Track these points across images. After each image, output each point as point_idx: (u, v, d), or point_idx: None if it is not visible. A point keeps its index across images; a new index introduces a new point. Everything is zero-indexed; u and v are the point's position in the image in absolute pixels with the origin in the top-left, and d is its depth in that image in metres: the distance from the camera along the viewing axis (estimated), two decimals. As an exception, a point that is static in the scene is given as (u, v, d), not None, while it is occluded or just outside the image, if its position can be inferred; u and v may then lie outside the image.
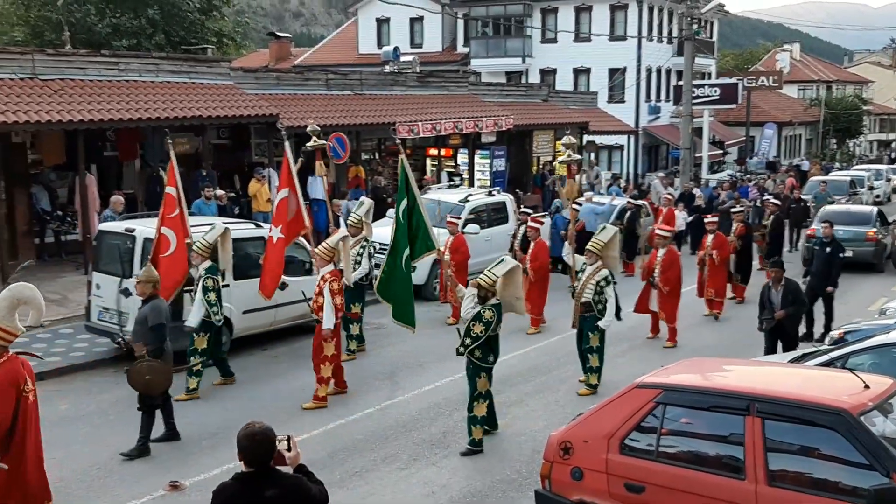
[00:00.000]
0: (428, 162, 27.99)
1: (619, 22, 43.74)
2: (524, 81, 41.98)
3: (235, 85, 20.58)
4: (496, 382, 10.19)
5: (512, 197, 21.25)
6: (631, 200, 22.10)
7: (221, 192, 18.29)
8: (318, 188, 19.13)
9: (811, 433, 6.13)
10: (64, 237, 18.57)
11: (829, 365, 8.99)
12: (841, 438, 5.94)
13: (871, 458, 5.82)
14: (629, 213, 20.90)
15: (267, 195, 18.89)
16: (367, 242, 13.61)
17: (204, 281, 11.18)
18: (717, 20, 53.48)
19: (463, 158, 27.64)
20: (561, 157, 14.00)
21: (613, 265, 12.76)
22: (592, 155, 35.48)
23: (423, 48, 45.61)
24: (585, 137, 33.14)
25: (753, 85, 48.49)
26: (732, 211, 19.15)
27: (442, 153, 27.48)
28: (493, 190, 20.87)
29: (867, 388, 6.39)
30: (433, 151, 27.72)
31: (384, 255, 11.74)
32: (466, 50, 46.15)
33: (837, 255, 14.94)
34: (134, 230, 12.54)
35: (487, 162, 27.28)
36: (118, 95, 17.57)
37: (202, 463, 9.17)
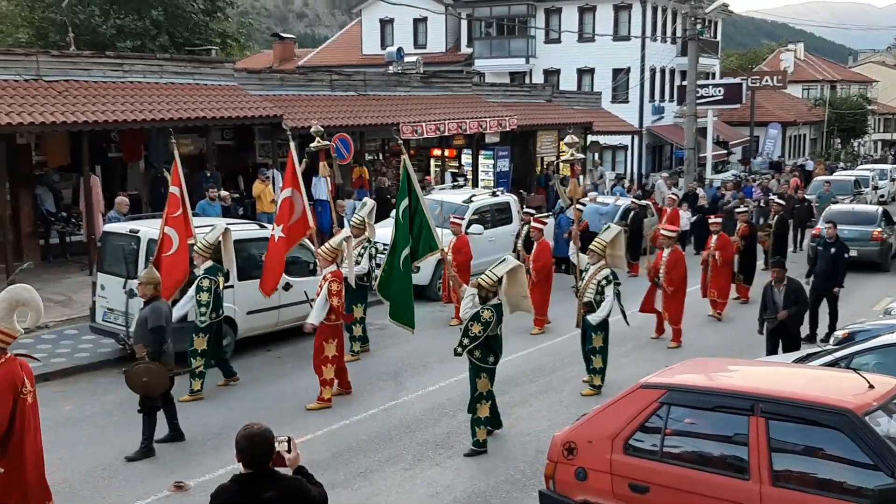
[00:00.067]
0: (432, 162, 28.00)
1: (622, 22, 43.71)
2: (528, 82, 41.98)
3: (239, 86, 20.61)
4: (500, 383, 10.17)
5: (515, 197, 21.24)
6: (635, 201, 22.07)
7: (225, 193, 18.32)
8: (321, 189, 19.16)
9: (815, 433, 6.13)
10: (68, 238, 18.60)
11: (833, 365, 8.98)
12: (845, 438, 5.93)
13: (875, 458, 5.81)
14: (633, 213, 20.89)
15: (271, 196, 18.92)
16: (368, 243, 13.61)
17: (200, 280, 11.19)
18: (720, 20, 53.45)
19: (467, 159, 27.64)
20: (564, 156, 13.98)
21: (620, 265, 12.73)
22: (596, 155, 35.44)
23: (426, 49, 45.59)
24: (589, 138, 33.11)
25: (757, 85, 48.45)
26: (737, 211, 19.13)
27: (446, 154, 27.50)
28: (496, 190, 20.87)
29: (871, 388, 6.38)
30: (437, 152, 27.74)
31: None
32: (470, 50, 46.15)
33: (842, 255, 14.89)
34: (138, 231, 12.57)
35: (491, 162, 27.29)
36: (122, 97, 17.61)
37: (206, 463, 9.18)
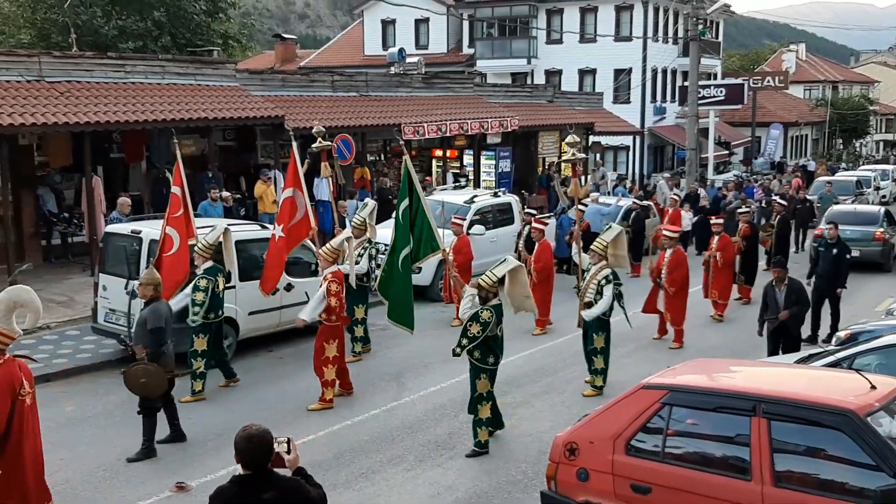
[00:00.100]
0: (433, 163, 28.02)
1: (624, 22, 43.70)
2: (529, 82, 41.95)
3: (241, 87, 20.63)
4: (502, 383, 10.17)
5: (517, 198, 21.25)
6: (636, 201, 22.08)
7: (227, 193, 18.34)
8: (323, 190, 19.16)
9: (817, 434, 6.12)
10: (70, 239, 18.61)
11: (835, 366, 8.97)
12: (847, 439, 5.92)
13: (877, 458, 5.81)
14: (634, 213, 20.89)
15: (273, 196, 18.94)
16: (369, 244, 13.62)
17: (198, 280, 11.19)
18: (722, 20, 53.43)
19: (468, 159, 27.66)
20: (565, 155, 13.97)
21: (623, 264, 12.70)
22: (598, 156, 35.44)
23: (428, 49, 45.60)
24: (591, 138, 33.12)
25: (759, 85, 48.48)
26: (738, 212, 19.11)
27: (447, 154, 27.50)
28: (498, 191, 20.87)
29: (874, 388, 6.37)
30: (438, 153, 27.75)
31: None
32: (472, 51, 46.16)
33: (844, 256, 14.86)
34: (140, 232, 12.58)
35: (493, 163, 27.30)
36: (124, 97, 17.63)
37: (208, 464, 9.18)
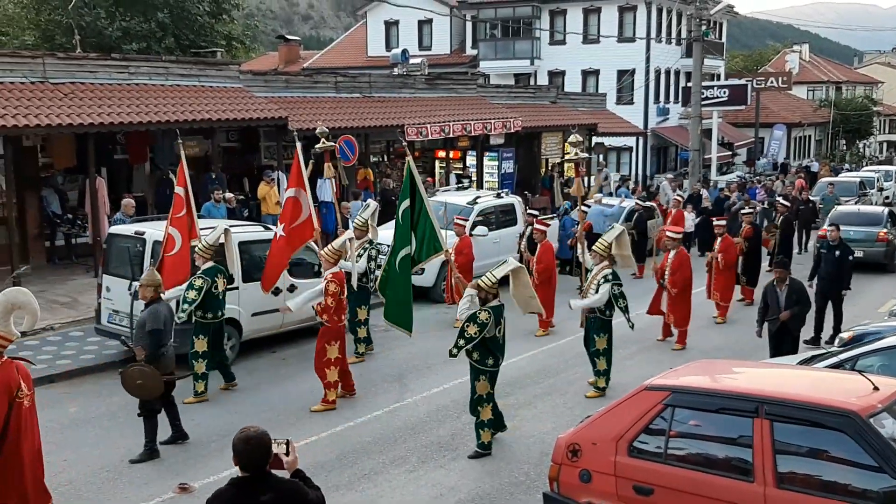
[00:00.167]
0: (436, 164, 28.03)
1: (627, 23, 43.67)
2: (533, 83, 41.97)
3: (245, 88, 20.65)
4: (504, 384, 10.16)
5: (520, 199, 21.25)
6: (639, 202, 22.08)
7: (230, 194, 18.35)
8: (326, 190, 19.18)
9: (820, 435, 6.11)
10: (74, 240, 18.63)
11: (838, 367, 8.96)
12: (850, 440, 5.91)
13: (880, 460, 5.80)
14: (637, 214, 20.89)
15: (276, 198, 18.94)
16: (370, 245, 13.64)
17: (194, 279, 11.21)
18: (725, 21, 53.38)
19: (471, 160, 27.66)
20: (568, 155, 14.00)
21: (629, 264, 12.66)
22: (601, 157, 35.43)
23: (431, 50, 45.63)
24: (594, 139, 33.10)
25: (763, 86, 48.41)
26: (742, 212, 19.09)
27: (450, 155, 27.49)
28: (501, 192, 20.88)
29: (876, 389, 6.36)
30: (441, 153, 27.75)
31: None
32: (475, 52, 46.16)
33: (847, 258, 14.81)
34: (144, 233, 12.61)
35: (496, 164, 27.28)
36: (128, 99, 17.65)
37: (211, 465, 9.20)
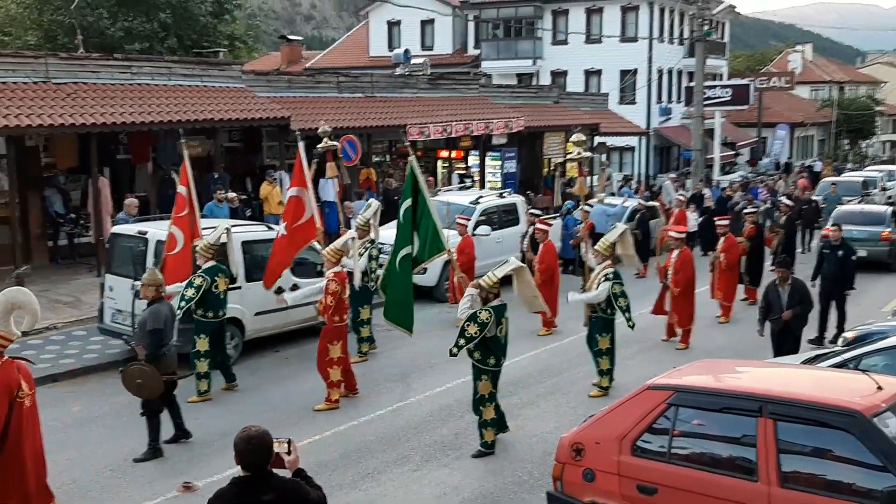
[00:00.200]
0: (439, 164, 28.01)
1: (629, 23, 43.65)
2: (535, 83, 41.95)
3: (247, 88, 20.66)
4: (507, 384, 10.16)
5: (523, 199, 21.25)
6: (642, 202, 22.06)
7: (233, 194, 18.37)
8: (329, 190, 19.18)
9: (824, 435, 6.10)
10: (77, 240, 18.66)
11: (841, 366, 8.95)
12: (854, 440, 5.90)
13: (884, 459, 5.79)
14: (640, 214, 20.87)
15: (278, 197, 18.95)
16: (371, 244, 13.64)
17: (194, 277, 11.22)
18: (728, 21, 53.36)
19: (474, 160, 27.65)
20: (571, 154, 14.01)
21: (634, 263, 12.63)
22: (604, 157, 35.42)
23: (433, 50, 45.65)
24: (597, 139, 33.08)
25: (765, 86, 48.37)
26: (745, 212, 19.07)
27: (453, 155, 27.47)
28: (503, 192, 20.87)
29: (880, 389, 6.35)
30: (444, 153, 27.74)
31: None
32: (477, 52, 46.17)
33: (849, 257, 14.77)
34: (146, 232, 12.62)
35: (498, 164, 27.28)
36: (131, 99, 17.67)
37: (214, 464, 9.20)
